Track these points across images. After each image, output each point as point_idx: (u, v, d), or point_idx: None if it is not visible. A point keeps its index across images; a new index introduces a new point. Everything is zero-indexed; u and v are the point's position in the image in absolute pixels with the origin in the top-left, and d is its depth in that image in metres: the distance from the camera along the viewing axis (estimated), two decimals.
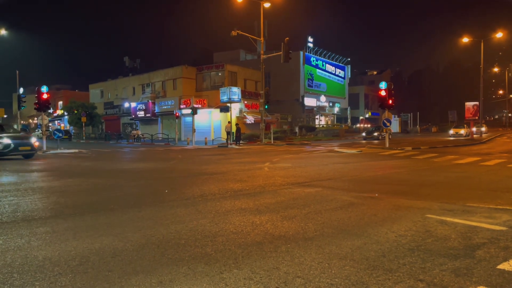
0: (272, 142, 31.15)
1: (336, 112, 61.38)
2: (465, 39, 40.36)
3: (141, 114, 46.77)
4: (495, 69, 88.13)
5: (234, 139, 30.11)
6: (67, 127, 54.48)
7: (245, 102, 42.00)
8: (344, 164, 14.02)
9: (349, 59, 65.20)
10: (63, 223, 5.29)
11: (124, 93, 52.87)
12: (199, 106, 39.17)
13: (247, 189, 8.19)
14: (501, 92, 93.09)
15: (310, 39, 56.20)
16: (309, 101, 54.18)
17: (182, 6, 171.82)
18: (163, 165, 14.63)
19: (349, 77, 66.75)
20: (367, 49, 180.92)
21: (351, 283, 3.20)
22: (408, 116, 66.33)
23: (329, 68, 60.36)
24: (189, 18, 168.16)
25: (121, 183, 9.65)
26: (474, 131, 36.55)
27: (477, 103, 36.50)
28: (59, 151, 22.08)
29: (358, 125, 60.19)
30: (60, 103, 63.36)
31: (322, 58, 58.42)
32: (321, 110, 57.09)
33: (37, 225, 5.13)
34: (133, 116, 48.02)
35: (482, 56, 39.62)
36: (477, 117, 36.54)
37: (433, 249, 4.08)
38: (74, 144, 35.43)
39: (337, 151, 20.78)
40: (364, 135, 37.91)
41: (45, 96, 22.31)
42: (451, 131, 39.83)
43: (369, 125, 53.43)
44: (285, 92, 51.13)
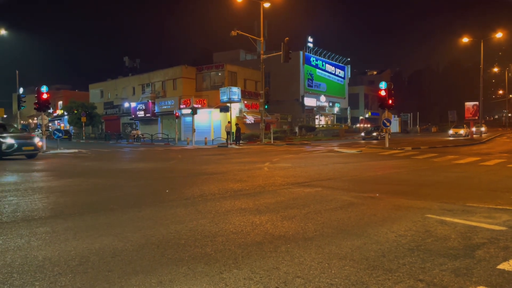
0: (272, 142, 31.14)
1: (336, 112, 61.39)
2: (465, 39, 40.40)
3: (141, 114, 46.78)
4: (495, 69, 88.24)
5: (234, 139, 30.11)
6: (67, 127, 54.47)
7: (245, 102, 42.00)
8: (344, 164, 14.03)
9: (349, 59, 65.31)
10: (63, 223, 5.29)
11: (124, 93, 52.87)
12: (199, 106, 39.18)
13: (247, 189, 8.19)
14: (501, 92, 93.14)
15: (310, 39, 56.21)
16: (309, 101, 54.18)
17: (182, 6, 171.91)
18: (163, 165, 14.63)
19: (349, 77, 66.74)
20: (367, 49, 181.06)
21: (351, 283, 3.20)
22: (408, 116, 66.37)
23: (329, 68, 60.37)
24: (189, 18, 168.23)
25: (121, 183, 9.65)
26: (473, 131, 36.58)
27: (477, 103, 36.52)
28: (59, 151, 22.09)
29: (358, 125, 60.18)
30: (60, 103, 63.37)
31: (322, 58, 58.42)
32: (321, 110, 57.09)
33: (37, 225, 5.13)
34: (133, 116, 48.04)
35: (482, 56, 39.65)
36: (477, 117, 36.56)
37: (433, 249, 4.08)
38: (74, 144, 35.44)
39: (337, 151, 20.79)
40: (363, 135, 37.88)
41: (45, 96, 22.31)
42: (451, 131, 39.84)
43: (369, 125, 53.45)
44: (285, 92, 51.13)
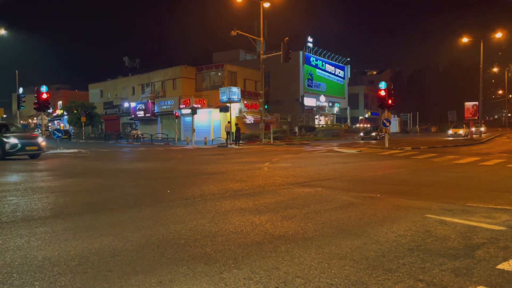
0: (271, 142, 31.14)
1: (335, 112, 61.40)
2: (465, 39, 40.44)
3: (140, 114, 46.77)
4: (495, 69, 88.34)
5: (233, 139, 30.11)
6: (67, 127, 54.47)
7: (245, 102, 41.99)
8: (343, 164, 14.03)
9: (349, 59, 65.27)
10: (63, 223, 5.29)
11: (123, 93, 52.86)
12: (199, 106, 39.17)
13: (246, 189, 8.19)
14: (500, 92, 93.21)
15: (309, 39, 56.21)
16: (309, 101, 54.19)
17: (182, 6, 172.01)
18: (163, 165, 14.63)
19: (349, 77, 66.73)
20: (367, 49, 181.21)
21: (350, 283, 3.20)
22: (407, 116, 66.39)
23: (329, 68, 60.37)
24: (189, 18, 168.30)
25: (121, 183, 9.64)
26: (473, 131, 36.59)
27: (476, 103, 36.57)
28: (58, 151, 22.08)
29: (357, 125, 60.18)
30: (59, 103, 63.37)
31: (321, 58, 58.42)
32: (320, 110, 57.10)
33: (36, 225, 5.12)
34: (133, 116, 48.02)
35: (481, 56, 39.68)
36: (476, 117, 36.60)
37: (433, 249, 4.07)
38: (73, 144, 35.42)
39: (337, 151, 20.79)
40: (362, 135, 37.86)
41: (44, 96, 22.31)
42: (450, 131, 39.85)
43: (368, 125, 53.45)
44: (284, 92, 51.13)
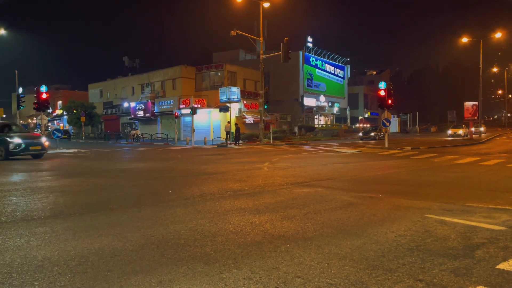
0: (271, 142, 31.13)
1: (335, 112, 61.41)
2: (465, 39, 40.44)
3: (140, 114, 46.75)
4: (495, 69, 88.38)
5: (233, 139, 30.10)
6: (66, 127, 54.45)
7: (245, 102, 41.98)
8: (343, 164, 14.03)
9: (349, 59, 65.27)
10: (63, 223, 5.29)
11: (123, 93, 52.84)
12: (199, 106, 39.16)
13: (246, 189, 8.19)
14: (500, 92, 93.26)
15: (309, 39, 56.20)
16: (309, 101, 54.19)
17: (182, 6, 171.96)
18: (163, 165, 14.62)
19: (349, 77, 66.73)
20: (367, 49, 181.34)
21: (350, 283, 3.20)
22: (407, 116, 66.35)
23: (329, 68, 60.37)
24: (189, 18, 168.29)
25: (121, 183, 9.64)
26: (473, 131, 36.61)
27: (476, 103, 36.60)
28: (58, 151, 22.07)
29: (357, 125, 60.19)
30: (59, 103, 63.34)
31: (321, 58, 58.42)
32: (320, 110, 57.10)
33: (36, 225, 5.12)
34: (132, 116, 48.00)
35: (481, 56, 39.68)
36: (476, 117, 36.63)
37: (433, 249, 4.08)
38: (73, 144, 35.40)
39: (337, 151, 20.79)
40: (361, 135, 37.86)
41: (44, 95, 22.29)
42: (449, 131, 39.84)
43: (368, 125, 53.46)
44: (284, 92, 51.12)
